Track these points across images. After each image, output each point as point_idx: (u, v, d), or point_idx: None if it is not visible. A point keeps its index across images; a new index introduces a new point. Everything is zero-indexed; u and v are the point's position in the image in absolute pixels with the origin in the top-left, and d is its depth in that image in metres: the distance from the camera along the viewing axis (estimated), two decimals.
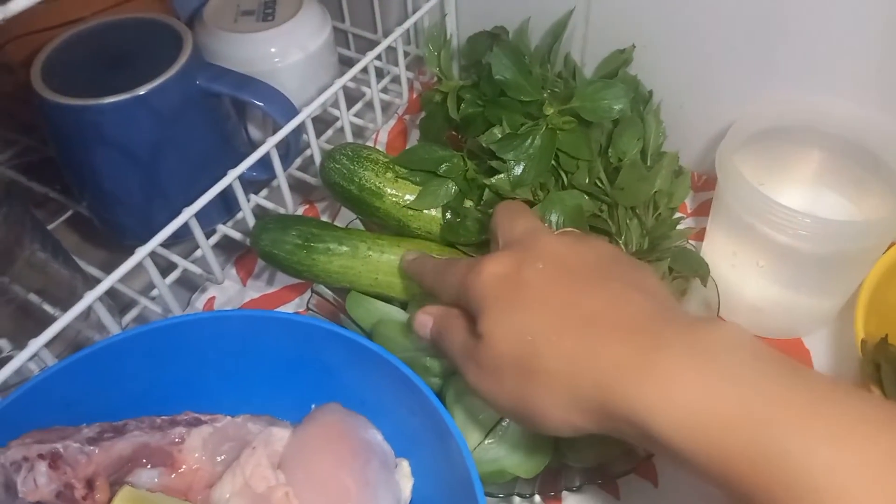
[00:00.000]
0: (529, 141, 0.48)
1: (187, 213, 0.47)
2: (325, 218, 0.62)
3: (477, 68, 0.53)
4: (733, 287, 0.54)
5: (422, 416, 0.37)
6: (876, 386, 0.42)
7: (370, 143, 0.67)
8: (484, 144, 0.50)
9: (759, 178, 0.52)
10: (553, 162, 0.50)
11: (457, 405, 0.41)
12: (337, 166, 0.52)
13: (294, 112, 0.52)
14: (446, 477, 0.37)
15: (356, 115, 0.64)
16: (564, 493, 0.44)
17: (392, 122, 0.68)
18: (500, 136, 0.49)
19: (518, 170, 0.49)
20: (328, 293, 0.52)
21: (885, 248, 0.47)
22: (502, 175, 0.49)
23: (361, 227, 0.55)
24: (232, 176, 0.49)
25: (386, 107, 0.67)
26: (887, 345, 0.44)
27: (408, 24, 0.59)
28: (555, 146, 0.48)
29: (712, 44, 0.54)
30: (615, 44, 0.58)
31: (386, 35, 0.58)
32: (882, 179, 0.49)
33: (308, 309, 0.50)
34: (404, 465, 0.40)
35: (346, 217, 0.57)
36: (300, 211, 0.63)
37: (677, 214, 0.56)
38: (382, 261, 0.50)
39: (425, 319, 0.40)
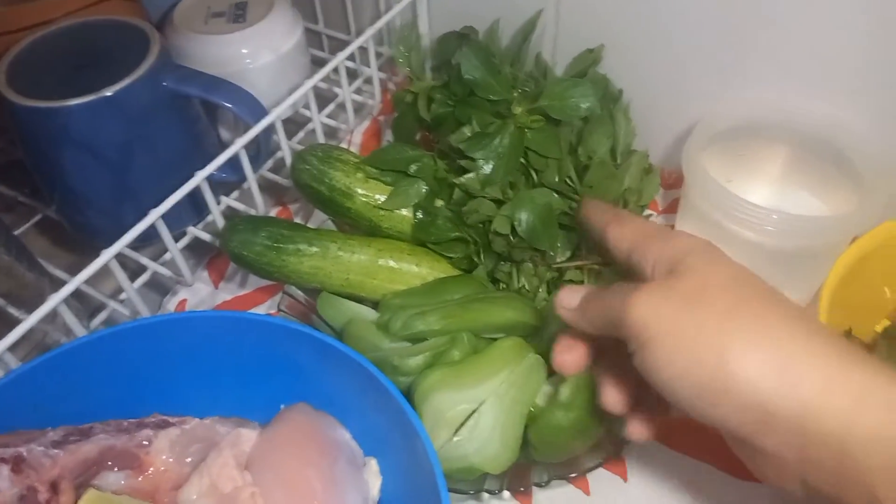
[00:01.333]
0: (498, 140, 0.49)
1: (154, 215, 0.47)
2: (298, 220, 0.62)
3: (447, 68, 0.54)
4: None
5: (388, 415, 0.38)
6: None
7: (343, 145, 0.67)
8: (453, 144, 0.50)
9: (727, 175, 0.52)
10: (522, 160, 0.51)
11: (425, 403, 0.41)
12: (307, 167, 0.52)
13: (263, 113, 0.52)
14: (413, 475, 0.37)
15: (329, 116, 0.64)
16: (534, 488, 0.44)
17: (366, 124, 0.68)
18: (469, 135, 0.50)
19: (487, 168, 0.49)
20: (300, 294, 0.52)
21: (849, 242, 0.48)
22: (471, 174, 0.49)
23: (334, 228, 0.55)
24: (199, 177, 0.49)
25: (359, 108, 0.67)
26: (851, 337, 0.44)
27: (379, 24, 0.59)
28: (523, 145, 0.49)
29: (681, 43, 0.54)
30: (585, 43, 0.58)
31: (359, 36, 0.58)
32: (847, 176, 0.50)
33: (280, 310, 0.50)
34: (372, 464, 0.40)
35: (319, 218, 0.57)
36: (273, 213, 0.63)
37: (648, 212, 0.57)
38: (353, 261, 0.50)
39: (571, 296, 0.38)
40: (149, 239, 0.50)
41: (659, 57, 0.56)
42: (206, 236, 0.56)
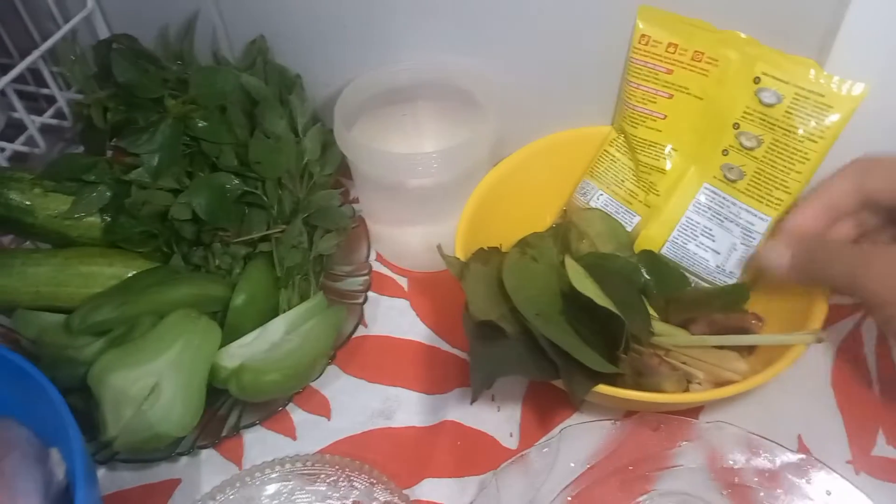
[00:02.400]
0: (157, 133, 0.52)
1: None
2: None
3: (109, 76, 0.56)
4: (397, 238, 0.61)
5: (51, 409, 0.39)
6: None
7: None
8: (120, 145, 0.52)
9: (386, 136, 0.58)
10: (199, 149, 0.54)
11: (101, 385, 0.43)
12: None
13: None
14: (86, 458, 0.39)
15: (24, 143, 0.64)
16: (244, 431, 0.48)
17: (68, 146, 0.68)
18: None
19: (154, 161, 0.52)
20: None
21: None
22: (139, 169, 0.52)
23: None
24: None
25: (55, 130, 0.67)
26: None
27: (44, 46, 0.60)
28: (181, 134, 0.52)
29: (328, 24, 0.59)
30: (255, 36, 0.62)
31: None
32: (481, 112, 0.57)
33: None
34: (54, 454, 0.41)
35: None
36: None
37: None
38: (41, 273, 0.51)
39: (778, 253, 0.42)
40: None
41: (320, 38, 0.61)
42: None
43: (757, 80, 0.47)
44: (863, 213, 0.44)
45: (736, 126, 0.48)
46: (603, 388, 0.41)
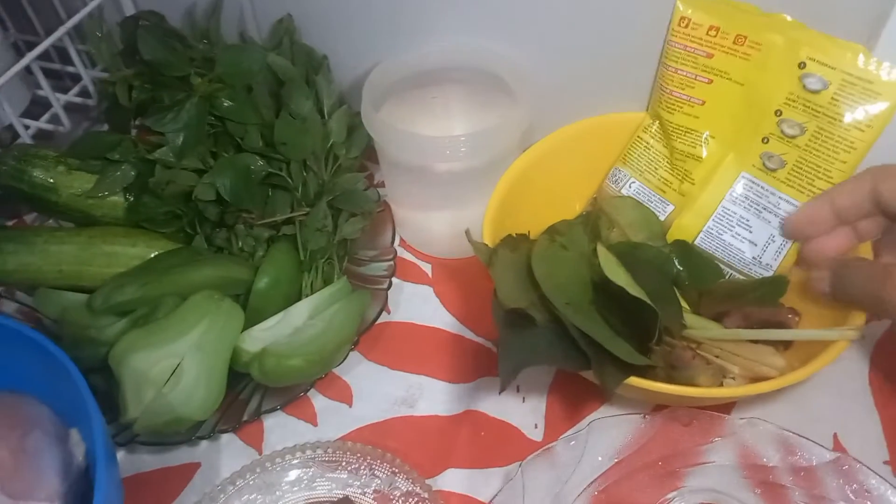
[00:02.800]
0: (182, 112, 0.51)
1: None
2: None
3: (136, 53, 0.55)
4: (422, 223, 0.60)
5: (71, 386, 0.39)
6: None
7: None
8: (145, 124, 0.51)
9: (413, 120, 0.57)
10: (224, 130, 0.53)
11: (121, 366, 0.43)
12: (4, 168, 0.52)
13: None
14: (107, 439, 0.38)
15: (49, 121, 0.63)
16: (265, 416, 0.47)
17: (93, 125, 0.68)
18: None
19: (178, 140, 0.51)
20: (24, 297, 0.52)
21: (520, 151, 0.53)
22: (164, 147, 0.51)
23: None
24: None
25: (80, 109, 0.67)
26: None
27: (70, 23, 0.59)
28: (207, 113, 0.51)
29: (356, 6, 0.58)
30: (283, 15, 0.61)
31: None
32: (511, 97, 0.55)
33: None
34: (73, 434, 0.41)
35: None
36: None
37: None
38: (64, 252, 0.51)
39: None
40: None
41: (348, 20, 0.60)
42: None
43: (802, 66, 0.45)
44: (862, 223, 0.44)
45: (778, 113, 0.46)
46: (635, 381, 0.40)
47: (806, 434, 0.43)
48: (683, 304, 0.48)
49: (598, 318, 0.43)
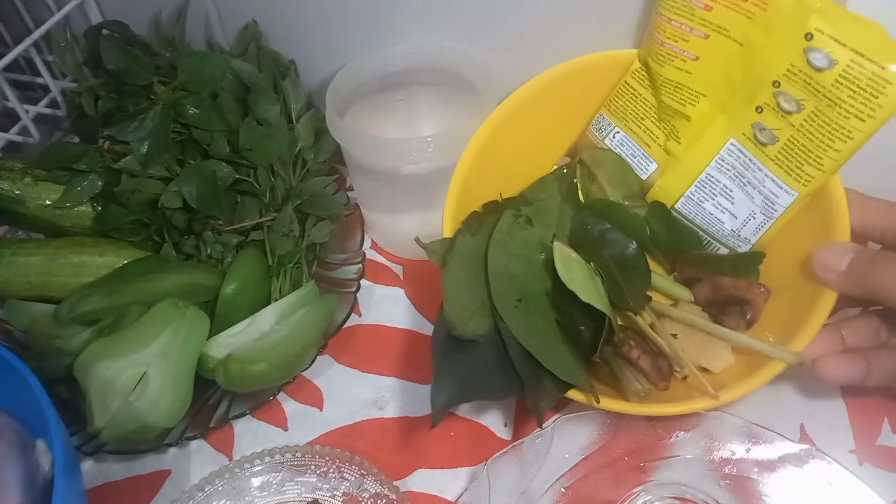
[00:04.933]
0: (146, 120, 0.51)
1: None
2: None
3: (100, 63, 0.55)
4: (391, 225, 0.60)
5: (34, 399, 0.39)
6: None
7: None
8: (110, 134, 0.52)
9: (379, 124, 0.57)
10: (190, 137, 0.53)
11: (87, 375, 0.43)
12: None
13: None
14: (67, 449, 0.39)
15: (18, 133, 0.63)
16: (234, 421, 0.48)
17: (64, 136, 0.68)
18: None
19: (143, 149, 0.51)
20: None
21: None
22: (128, 157, 0.51)
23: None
24: None
25: (50, 120, 0.67)
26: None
27: (36, 34, 0.59)
28: (171, 121, 0.51)
29: (323, 9, 0.58)
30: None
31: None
32: (473, 95, 0.55)
33: None
34: (40, 444, 0.41)
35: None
36: None
37: None
38: (31, 263, 0.51)
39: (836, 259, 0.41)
40: None
41: (314, 23, 0.60)
42: None
43: (809, 37, 0.40)
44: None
45: (776, 84, 0.42)
46: (573, 394, 0.40)
47: (773, 425, 0.43)
48: (656, 266, 0.47)
49: (551, 315, 0.43)
